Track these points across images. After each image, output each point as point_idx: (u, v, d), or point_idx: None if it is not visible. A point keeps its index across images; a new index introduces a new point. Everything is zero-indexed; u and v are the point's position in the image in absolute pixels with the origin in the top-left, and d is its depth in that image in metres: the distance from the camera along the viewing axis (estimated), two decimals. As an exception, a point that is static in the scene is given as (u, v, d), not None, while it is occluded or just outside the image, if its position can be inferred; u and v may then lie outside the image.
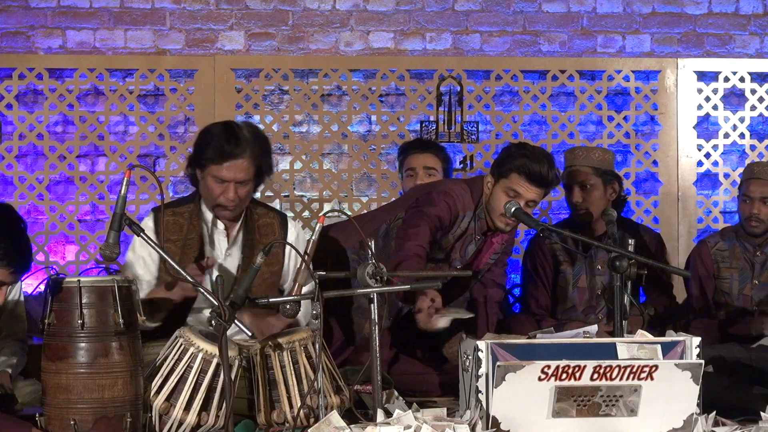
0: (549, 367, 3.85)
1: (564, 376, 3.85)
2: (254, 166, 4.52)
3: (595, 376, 3.87)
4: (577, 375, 3.86)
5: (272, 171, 4.72)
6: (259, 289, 4.50)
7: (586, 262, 5.41)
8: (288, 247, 4.63)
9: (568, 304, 5.46)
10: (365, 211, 5.99)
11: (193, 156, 4.57)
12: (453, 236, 5.08)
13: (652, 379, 3.90)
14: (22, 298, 4.42)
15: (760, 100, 6.38)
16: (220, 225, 4.60)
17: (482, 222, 5.12)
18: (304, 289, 4.23)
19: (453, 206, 5.04)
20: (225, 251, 4.60)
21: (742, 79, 6.36)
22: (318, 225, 4.32)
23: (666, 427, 3.98)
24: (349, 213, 5.89)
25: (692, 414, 3.99)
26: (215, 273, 4.56)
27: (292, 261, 4.68)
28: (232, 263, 4.60)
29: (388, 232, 5.12)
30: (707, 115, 6.38)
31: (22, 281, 4.47)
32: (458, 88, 6.18)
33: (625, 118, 6.32)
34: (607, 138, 6.22)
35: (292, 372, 4.07)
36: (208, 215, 4.59)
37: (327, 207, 6.10)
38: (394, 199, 6.05)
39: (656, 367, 3.90)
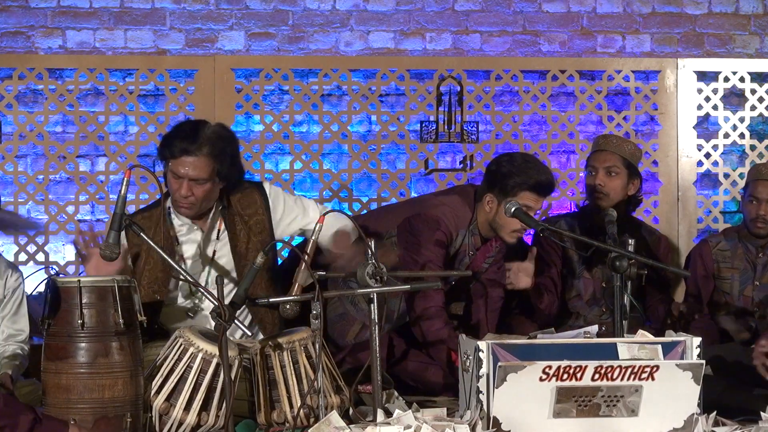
0: (550, 367, 3.85)
1: (565, 376, 3.85)
2: (211, 166, 4.52)
3: (596, 376, 3.87)
4: (578, 375, 3.86)
5: (235, 174, 4.66)
6: (253, 256, 4.52)
7: (594, 255, 5.39)
8: (270, 208, 4.66)
9: (573, 292, 5.45)
10: (365, 211, 5.99)
11: (160, 150, 4.62)
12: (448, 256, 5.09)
13: (653, 379, 3.90)
14: (25, 299, 4.41)
15: (760, 100, 6.37)
16: (187, 219, 4.62)
17: (476, 238, 5.10)
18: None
19: (446, 232, 5.02)
20: (211, 243, 4.61)
21: (742, 79, 6.36)
22: (318, 225, 4.33)
23: (666, 427, 3.98)
24: (350, 213, 5.88)
25: (693, 414, 3.99)
26: (214, 273, 4.57)
27: (279, 211, 4.69)
28: (225, 249, 4.61)
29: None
30: (707, 115, 6.37)
31: (24, 282, 4.48)
32: (458, 88, 6.18)
33: (625, 118, 6.31)
34: (607, 138, 6.21)
35: (292, 372, 4.07)
36: (167, 216, 4.62)
37: (327, 207, 6.09)
38: (394, 200, 6.06)
39: (657, 367, 3.90)
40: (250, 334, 4.00)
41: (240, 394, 4.01)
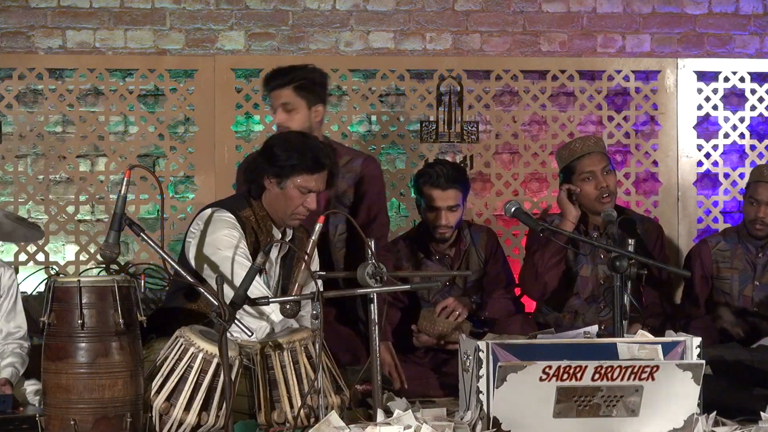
0: (550, 367, 3.85)
1: (565, 376, 3.85)
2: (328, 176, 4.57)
3: (596, 376, 3.87)
4: (578, 375, 3.86)
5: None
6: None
7: (589, 252, 5.37)
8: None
9: (572, 291, 5.42)
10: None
11: (272, 164, 4.48)
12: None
13: (653, 379, 3.91)
14: (20, 296, 4.41)
15: (760, 100, 6.37)
16: (277, 233, 4.58)
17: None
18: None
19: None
20: (275, 258, 4.60)
21: (742, 79, 6.36)
22: (318, 225, 4.32)
23: (666, 427, 3.98)
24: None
25: (693, 414, 3.99)
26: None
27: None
28: (275, 270, 4.59)
29: None
30: (707, 115, 6.38)
31: (17, 279, 4.47)
32: (458, 88, 6.18)
33: (625, 118, 6.31)
34: (607, 138, 6.21)
35: (293, 372, 4.07)
36: (267, 222, 4.57)
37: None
38: (394, 200, 6.05)
39: (657, 367, 3.91)
40: (250, 334, 4.00)
41: (240, 390, 4.01)
